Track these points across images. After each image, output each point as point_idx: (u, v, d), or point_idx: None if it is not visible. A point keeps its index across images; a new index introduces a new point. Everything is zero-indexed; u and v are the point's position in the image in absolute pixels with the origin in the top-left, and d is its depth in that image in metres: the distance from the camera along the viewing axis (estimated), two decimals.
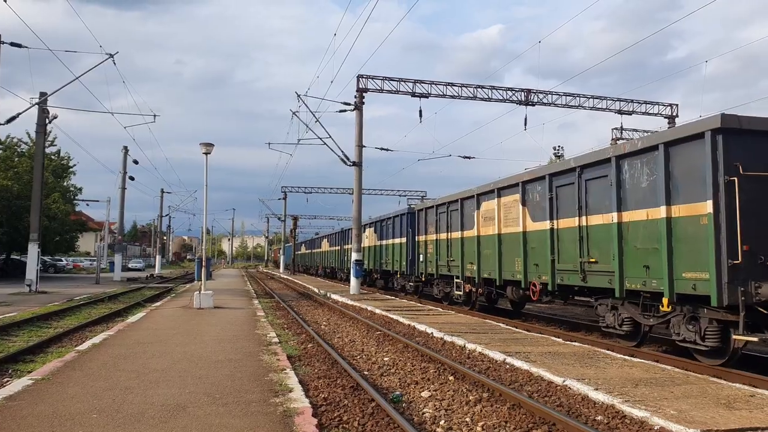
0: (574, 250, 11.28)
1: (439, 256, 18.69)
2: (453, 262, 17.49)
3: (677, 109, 28.38)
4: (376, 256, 28.33)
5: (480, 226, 15.54)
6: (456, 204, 17.41)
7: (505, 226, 14.25)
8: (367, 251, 29.47)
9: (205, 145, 17.20)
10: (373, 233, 28.81)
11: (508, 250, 14.07)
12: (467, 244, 16.43)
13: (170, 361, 8.28)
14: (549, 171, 12.52)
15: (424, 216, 20.33)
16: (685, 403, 5.87)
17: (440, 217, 18.77)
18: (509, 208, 14.08)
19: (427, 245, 19.89)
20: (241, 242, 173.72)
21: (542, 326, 14.07)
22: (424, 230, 20.18)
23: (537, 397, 6.54)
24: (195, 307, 16.79)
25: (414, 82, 25.79)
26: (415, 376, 8.01)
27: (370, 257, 29.31)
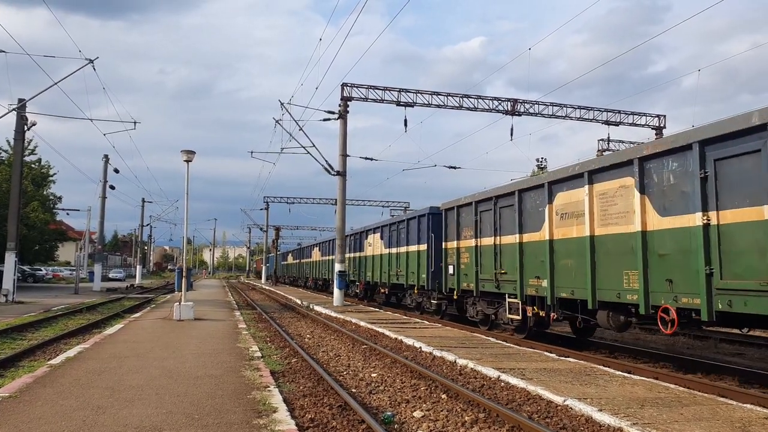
0: (755, 257, 7.27)
1: (481, 267, 14.49)
2: (504, 275, 13.33)
3: (665, 120, 28.48)
4: (383, 268, 23.91)
5: (554, 227, 11.47)
6: (510, 198, 13.22)
7: (603, 224, 10.08)
8: (370, 262, 26.09)
9: (187, 153, 16.72)
10: (379, 240, 24.77)
11: (610, 259, 9.86)
12: (530, 252, 12.32)
13: (147, 377, 7.78)
14: (698, 136, 8.13)
15: (456, 217, 16.09)
16: (698, 426, 5.54)
17: (482, 216, 14.61)
18: (612, 198, 9.90)
19: (460, 253, 15.74)
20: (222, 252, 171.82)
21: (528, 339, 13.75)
22: (456, 234, 16.04)
23: (538, 419, 6.18)
24: (175, 318, 16.22)
25: (399, 91, 25.55)
26: (406, 393, 7.61)
27: (375, 268, 25.28)
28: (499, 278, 13.59)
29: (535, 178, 13.23)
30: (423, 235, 19.34)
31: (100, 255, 41.80)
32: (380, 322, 16.70)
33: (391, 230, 23.32)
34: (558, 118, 28.46)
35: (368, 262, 26.36)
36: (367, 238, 26.85)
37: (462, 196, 16.13)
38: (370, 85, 25.09)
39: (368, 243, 26.50)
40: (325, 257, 37.94)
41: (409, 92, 25.67)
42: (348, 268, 28.75)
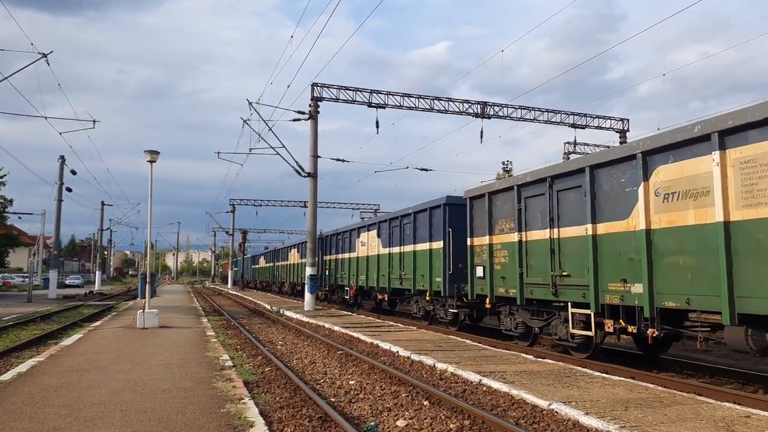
0: None
1: (528, 268, 11.64)
2: (567, 278, 10.50)
3: (628, 124, 29.00)
4: (381, 270, 20.94)
5: (651, 212, 8.67)
6: (575, 177, 10.32)
7: (747, 205, 7.24)
8: (363, 264, 22.98)
9: (150, 153, 16.12)
10: (375, 238, 21.72)
11: (764, 254, 7.04)
12: (611, 247, 9.42)
13: (110, 392, 7.33)
14: None
15: (486, 206, 13.07)
16: (684, 427, 5.46)
17: (528, 204, 11.72)
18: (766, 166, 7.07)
19: (494, 251, 12.90)
20: (186, 257, 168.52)
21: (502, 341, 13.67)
22: (486, 228, 13.09)
23: (525, 424, 6.02)
24: (138, 326, 15.59)
25: (371, 92, 25.33)
26: (387, 401, 7.36)
27: (370, 271, 22.18)
28: (557, 282, 10.65)
29: (620, 148, 9.77)
30: (437, 231, 16.38)
31: (55, 260, 40.20)
32: (354, 326, 16.42)
33: (391, 226, 20.18)
34: (526, 121, 28.67)
35: (362, 264, 23.24)
36: (359, 236, 23.78)
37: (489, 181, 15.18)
38: (341, 86, 24.79)
39: (361, 242, 23.47)
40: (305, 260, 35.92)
41: (381, 93, 25.47)
42: (335, 272, 26.97)
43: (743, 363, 10.58)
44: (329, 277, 28.70)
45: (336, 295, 27.57)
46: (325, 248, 29.34)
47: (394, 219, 20.16)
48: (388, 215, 21.41)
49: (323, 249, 29.51)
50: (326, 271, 29.10)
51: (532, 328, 12.15)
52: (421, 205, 17.83)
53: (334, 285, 27.85)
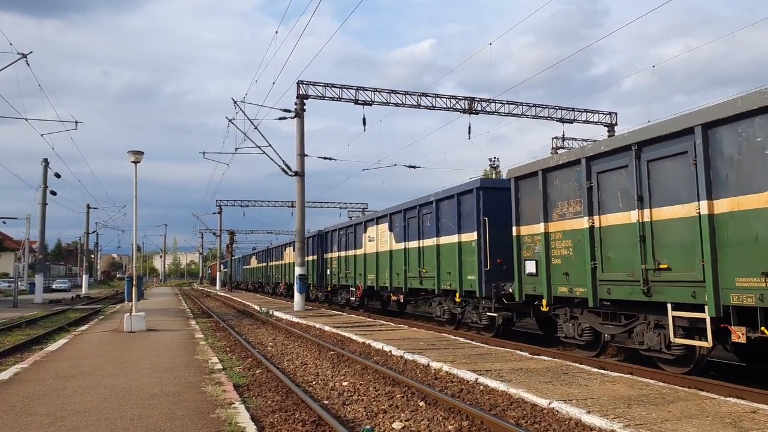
0: None
1: (605, 261, 9.36)
2: (665, 273, 8.25)
3: (616, 118, 29.00)
4: (394, 268, 18.45)
5: None
6: (677, 142, 8.07)
7: None
8: (372, 261, 20.41)
9: (134, 153, 15.79)
10: (387, 231, 19.17)
11: None
12: (743, 229, 7.17)
13: (96, 399, 7.07)
14: None
15: (540, 186, 10.75)
16: (690, 425, 5.32)
17: (602, 181, 9.46)
18: None
19: (551, 242, 10.56)
20: (174, 259, 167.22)
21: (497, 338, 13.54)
22: (540, 214, 10.80)
23: (525, 425, 5.85)
24: (125, 330, 15.28)
25: (357, 89, 25.07)
26: (382, 403, 7.16)
27: (380, 269, 19.74)
28: (651, 278, 8.40)
29: (756, 95, 7.00)
30: (469, 220, 13.91)
31: (41, 264, 39.54)
32: (345, 325, 16.20)
33: (407, 218, 17.57)
34: (514, 116, 28.58)
35: (369, 262, 20.85)
36: (366, 231, 21.32)
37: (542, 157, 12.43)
38: (327, 83, 24.52)
39: (368, 237, 21.04)
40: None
41: (367, 90, 25.22)
42: (339, 271, 24.52)
43: None
44: (331, 277, 26.05)
45: (340, 296, 25.17)
46: (326, 245, 26.90)
47: (411, 209, 17.35)
48: (402, 205, 18.02)
49: (324, 246, 27.39)
50: (328, 271, 26.60)
51: (602, 335, 9.98)
52: (446, 192, 15.22)
53: (337, 285, 25.23)
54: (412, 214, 17.33)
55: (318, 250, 28.26)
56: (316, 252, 28.70)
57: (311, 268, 29.02)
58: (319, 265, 28.28)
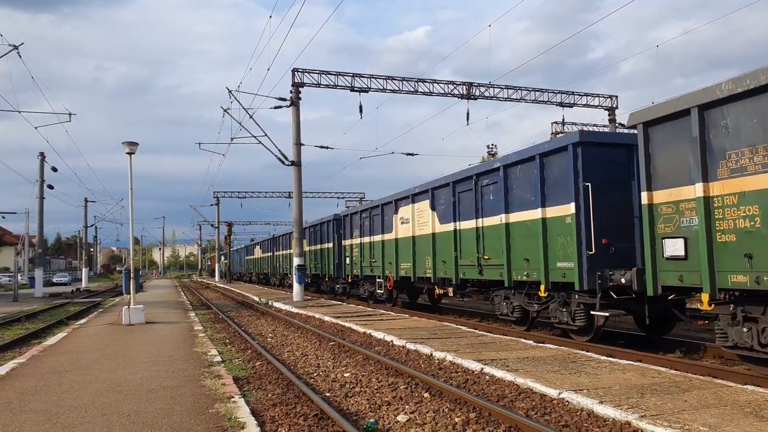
0: None
1: None
2: None
3: (617, 101, 28.69)
4: (440, 254, 15.12)
5: None
6: None
7: None
8: (406, 247, 17.28)
9: (129, 144, 15.50)
10: (427, 211, 15.74)
11: None
12: None
13: (92, 394, 6.87)
14: None
15: (697, 129, 7.68)
16: (708, 414, 5.12)
17: None
18: None
19: (713, 210, 7.53)
20: (172, 251, 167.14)
21: (501, 326, 13.35)
22: (693, 170, 7.76)
23: (536, 416, 5.65)
24: (124, 323, 15.09)
25: (353, 76, 24.74)
26: (385, 394, 6.97)
27: (418, 256, 16.53)
28: None
29: None
30: (560, 189, 10.47)
31: (41, 259, 39.30)
32: (345, 315, 16.02)
33: (457, 192, 14.05)
34: (512, 101, 28.28)
35: (403, 248, 17.63)
36: (397, 211, 18.05)
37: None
38: (323, 70, 24.17)
39: (400, 219, 17.90)
40: (315, 246, 28.44)
41: (363, 77, 24.90)
42: (361, 259, 21.18)
43: None
44: (352, 267, 22.59)
45: (362, 289, 21.94)
46: (345, 231, 23.54)
47: (463, 181, 13.83)
48: (449, 177, 14.60)
49: (342, 232, 24.04)
50: (347, 260, 23.24)
51: None
52: (519, 155, 11.66)
53: (359, 276, 21.79)
54: (464, 187, 13.74)
55: (334, 237, 24.94)
56: (331, 239, 25.44)
57: (326, 257, 26.30)
58: (336, 254, 24.87)
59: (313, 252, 28.83)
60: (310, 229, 29.04)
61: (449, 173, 14.83)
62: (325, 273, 26.57)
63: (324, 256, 26.82)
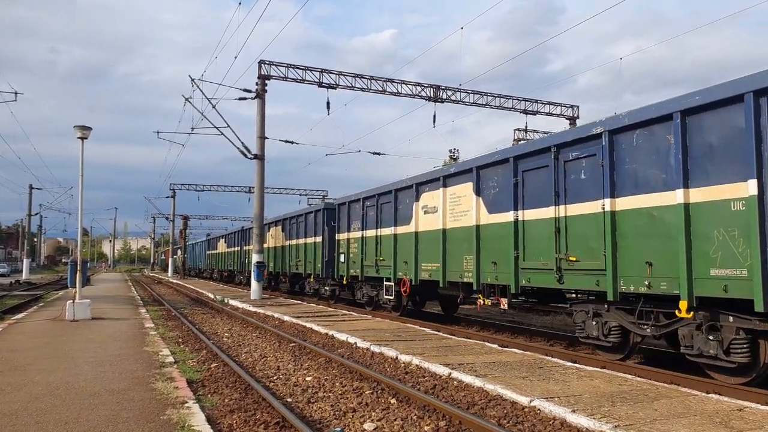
0: None
1: None
2: None
3: (578, 111, 29.15)
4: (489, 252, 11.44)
5: None
6: None
7: None
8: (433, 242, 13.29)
9: (81, 129, 14.67)
10: (471, 196, 12.00)
11: None
12: None
13: (26, 399, 6.29)
14: None
15: None
16: (680, 424, 5.00)
17: None
18: None
19: None
20: (124, 244, 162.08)
21: (463, 328, 13.21)
22: None
23: (508, 425, 5.43)
24: (68, 318, 14.26)
25: (321, 72, 24.28)
26: (350, 400, 6.65)
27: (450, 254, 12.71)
28: None
29: None
30: (713, 162, 7.22)
31: None
32: (306, 315, 15.60)
33: (521, 170, 10.62)
34: (478, 106, 28.35)
35: (425, 244, 13.72)
36: (419, 198, 14.05)
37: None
38: (290, 64, 23.63)
39: (423, 207, 13.91)
40: (296, 240, 24.24)
41: (332, 73, 24.45)
42: (359, 257, 17.39)
43: None
44: (346, 266, 18.49)
45: (361, 293, 17.89)
46: (339, 222, 19.25)
47: (531, 156, 10.36)
48: (508, 151, 11.13)
49: (335, 224, 19.69)
50: (341, 257, 19.01)
51: None
52: (641, 113, 8.18)
53: (359, 277, 17.63)
54: (534, 163, 10.25)
55: (324, 230, 20.68)
56: (319, 232, 21.19)
57: (311, 253, 22.11)
58: (325, 250, 20.46)
59: (294, 247, 24.48)
60: (291, 220, 25.10)
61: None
62: (310, 272, 22.26)
63: (309, 252, 22.46)
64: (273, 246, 27.79)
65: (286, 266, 25.70)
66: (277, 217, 28.08)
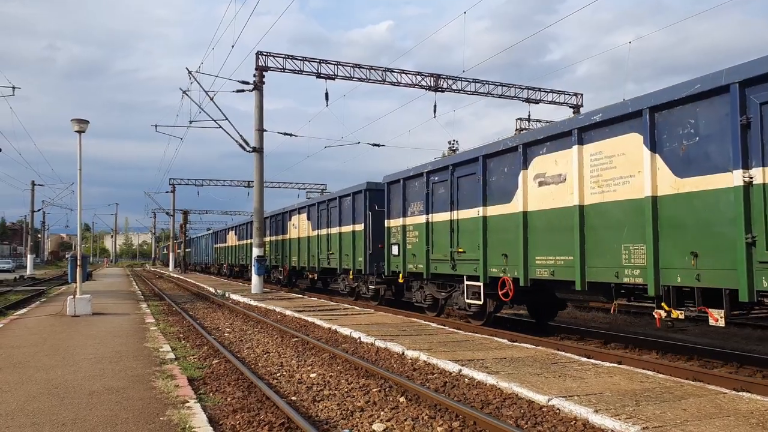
0: None
1: None
2: None
3: (582, 99, 28.73)
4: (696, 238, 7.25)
5: None
6: None
7: None
8: (551, 222, 9.78)
9: (78, 122, 14.37)
10: (643, 151, 7.96)
11: None
12: None
13: (23, 398, 6.04)
14: None
15: None
16: (713, 426, 4.72)
17: None
18: None
19: None
20: (125, 239, 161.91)
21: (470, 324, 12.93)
22: None
23: (527, 426, 5.15)
24: (68, 314, 14.04)
25: (319, 62, 23.90)
26: (357, 399, 6.38)
27: (604, 240, 8.68)
28: None
29: None
30: None
31: None
32: (308, 309, 15.34)
33: (748, 102, 6.69)
34: (480, 95, 27.96)
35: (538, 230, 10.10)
36: (527, 165, 10.45)
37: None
38: (288, 55, 23.26)
39: (538, 177, 10.17)
40: (324, 230, 20.62)
41: (330, 64, 24.08)
42: (420, 248, 13.68)
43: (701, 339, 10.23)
44: (401, 259, 14.52)
45: (422, 293, 14.17)
46: (390, 205, 15.41)
47: None
48: (701, 81, 7.24)
49: (379, 208, 16.57)
50: (392, 248, 15.08)
51: None
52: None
53: (425, 274, 13.58)
54: None
55: (366, 216, 17.10)
56: (360, 218, 17.50)
57: (347, 244, 18.41)
58: (368, 240, 16.93)
59: (324, 238, 20.67)
60: (320, 206, 21.34)
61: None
62: (348, 267, 18.41)
63: (345, 243, 18.70)
64: (296, 237, 24.04)
65: (314, 260, 21.65)
66: (302, 202, 24.45)
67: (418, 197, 13.98)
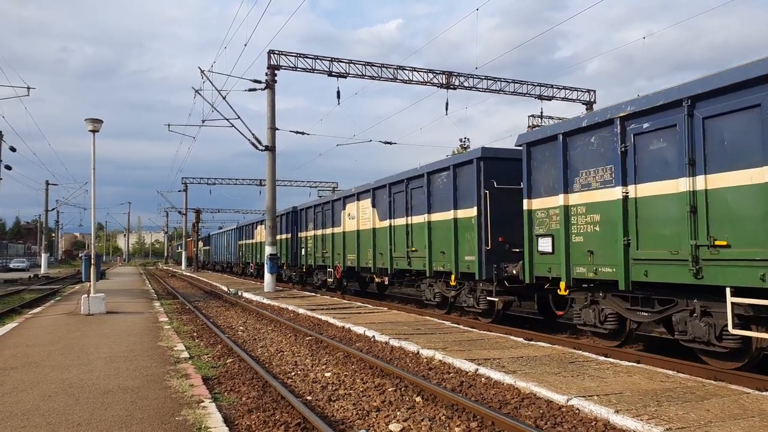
0: None
1: None
2: None
3: (595, 95, 28.47)
4: None
5: None
6: None
7: None
8: None
9: (92, 122, 14.42)
10: None
11: None
12: None
13: (38, 397, 6.04)
14: None
15: None
16: (738, 427, 4.61)
17: None
18: None
19: None
20: (138, 238, 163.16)
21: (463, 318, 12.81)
22: None
23: (546, 427, 5.07)
24: (82, 312, 14.11)
25: (331, 60, 23.86)
26: (372, 398, 6.32)
27: None
28: None
29: None
30: None
31: None
32: (320, 308, 15.31)
33: None
34: (492, 92, 27.79)
35: None
36: None
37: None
38: (300, 53, 23.23)
39: None
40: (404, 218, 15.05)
41: (342, 62, 24.03)
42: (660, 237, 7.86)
43: None
44: (564, 258, 9.29)
45: (595, 313, 9.09)
46: (532, 178, 10.30)
47: None
48: None
49: (494, 185, 11.86)
50: (538, 241, 10.06)
51: None
52: None
53: (592, 277, 8.90)
54: None
55: (480, 197, 11.96)
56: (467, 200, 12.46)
57: (443, 236, 13.23)
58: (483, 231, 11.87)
59: (402, 230, 15.30)
60: (394, 187, 15.91)
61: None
62: (447, 269, 13.20)
63: (437, 236, 13.65)
64: (354, 230, 18.68)
65: (383, 259, 16.45)
66: (361, 186, 18.51)
67: (600, 160, 8.77)
